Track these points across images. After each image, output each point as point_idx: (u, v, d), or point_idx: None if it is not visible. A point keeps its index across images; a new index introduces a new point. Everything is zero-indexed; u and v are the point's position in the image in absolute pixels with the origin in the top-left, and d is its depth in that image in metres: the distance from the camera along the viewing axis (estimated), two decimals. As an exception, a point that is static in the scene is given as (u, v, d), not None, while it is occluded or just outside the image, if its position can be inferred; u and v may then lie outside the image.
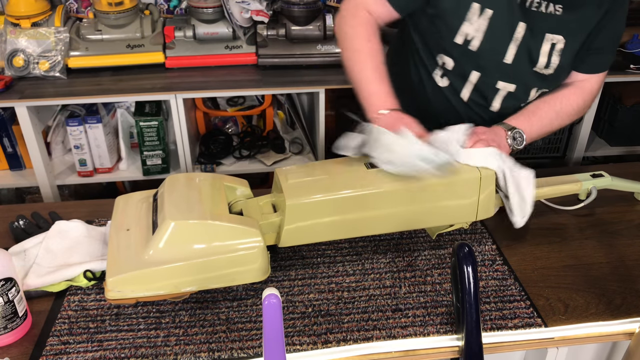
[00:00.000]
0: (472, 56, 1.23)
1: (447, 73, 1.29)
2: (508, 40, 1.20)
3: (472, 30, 1.20)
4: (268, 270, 1.04)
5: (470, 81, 1.28)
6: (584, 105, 1.31)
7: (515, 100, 1.30)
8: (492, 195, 1.12)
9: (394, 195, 1.07)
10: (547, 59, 1.22)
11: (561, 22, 1.19)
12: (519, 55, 1.22)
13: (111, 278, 0.96)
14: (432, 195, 1.09)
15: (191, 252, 0.98)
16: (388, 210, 1.09)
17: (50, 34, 2.05)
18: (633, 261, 1.19)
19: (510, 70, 1.24)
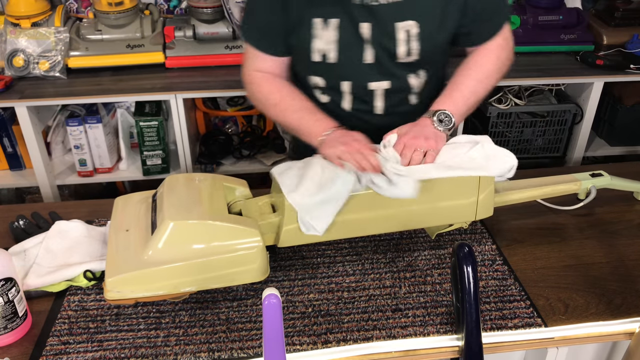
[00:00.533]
0: (335, 68, 1.22)
1: (324, 90, 1.29)
2: (361, 43, 1.19)
3: (324, 45, 1.19)
4: (267, 270, 1.04)
5: (344, 91, 1.26)
6: (501, 62, 1.26)
7: (398, 94, 1.27)
8: (491, 194, 1.12)
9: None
10: (406, 47, 1.19)
11: (406, 8, 1.16)
12: (378, 52, 1.20)
13: (110, 278, 0.96)
14: (432, 195, 1.09)
15: (190, 253, 0.98)
16: (387, 210, 1.09)
17: (50, 34, 2.05)
18: (633, 261, 1.19)
19: (375, 69, 1.22)
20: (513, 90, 2.32)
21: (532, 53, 2.28)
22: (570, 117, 2.28)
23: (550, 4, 2.29)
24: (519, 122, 2.28)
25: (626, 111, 2.33)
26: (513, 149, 2.32)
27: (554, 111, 2.27)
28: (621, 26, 2.28)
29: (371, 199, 1.07)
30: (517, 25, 2.27)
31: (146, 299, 1.00)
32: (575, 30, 2.27)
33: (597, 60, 2.15)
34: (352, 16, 1.17)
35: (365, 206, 1.07)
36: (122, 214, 1.11)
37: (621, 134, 2.40)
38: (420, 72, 1.25)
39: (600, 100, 2.24)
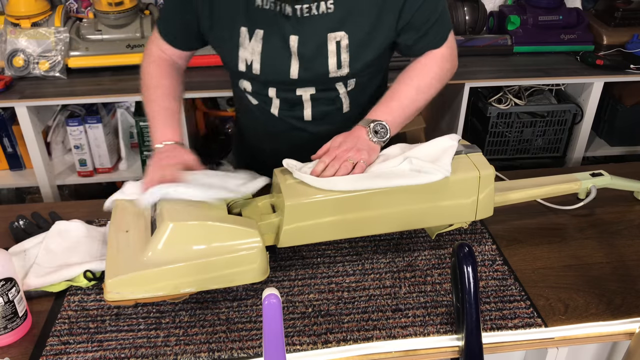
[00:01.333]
0: (260, 78, 1.20)
1: (252, 94, 1.28)
2: (288, 56, 1.16)
3: (249, 55, 1.17)
4: (267, 270, 1.04)
5: (271, 97, 1.25)
6: (443, 72, 1.24)
7: (326, 101, 1.25)
8: (491, 194, 1.12)
9: (393, 195, 1.07)
10: (337, 58, 1.16)
11: (338, 19, 1.13)
12: (304, 67, 1.17)
13: (110, 280, 0.96)
14: (432, 195, 1.09)
15: (190, 253, 0.98)
16: (387, 210, 1.09)
17: (50, 34, 2.05)
18: (633, 261, 1.19)
19: (301, 82, 1.20)
20: (513, 90, 2.33)
21: (532, 53, 2.28)
22: (570, 117, 2.28)
23: (550, 4, 2.29)
24: (519, 122, 2.28)
25: (626, 111, 2.33)
26: (513, 149, 2.33)
27: (554, 111, 2.27)
28: (621, 26, 2.28)
29: (371, 198, 1.07)
30: (517, 25, 2.27)
31: (146, 300, 1.00)
32: (575, 30, 2.27)
33: (597, 60, 2.16)
34: (280, 28, 1.14)
35: (365, 206, 1.07)
36: (122, 215, 1.11)
37: (621, 134, 2.40)
38: (350, 81, 1.22)
39: (600, 100, 2.24)
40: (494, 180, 1.12)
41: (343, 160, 1.09)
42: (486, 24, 2.39)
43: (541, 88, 2.39)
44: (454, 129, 2.21)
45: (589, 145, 2.38)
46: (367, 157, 1.11)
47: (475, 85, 2.15)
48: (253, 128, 1.40)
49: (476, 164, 1.11)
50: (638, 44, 2.22)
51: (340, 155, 1.10)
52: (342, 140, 1.13)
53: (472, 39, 2.27)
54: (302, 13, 1.12)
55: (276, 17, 1.13)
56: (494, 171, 1.12)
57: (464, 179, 1.10)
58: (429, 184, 1.07)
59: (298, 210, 1.04)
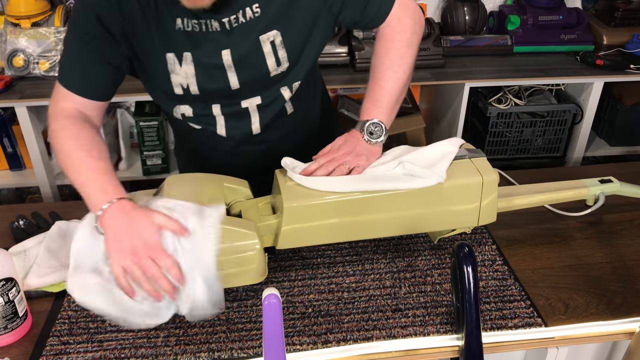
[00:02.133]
0: (200, 98, 1.15)
1: (193, 120, 1.20)
2: (223, 71, 1.12)
3: (183, 79, 1.11)
4: (265, 272, 1.04)
5: (216, 115, 1.19)
6: (409, 33, 1.17)
7: (271, 107, 1.21)
8: (494, 200, 1.11)
9: (394, 199, 1.07)
10: (275, 57, 1.12)
11: (266, 19, 1.09)
12: (243, 76, 1.13)
13: None
14: (433, 200, 1.09)
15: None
16: (388, 214, 1.08)
17: (50, 34, 2.05)
18: (633, 261, 1.19)
19: (244, 91, 1.16)
20: (513, 90, 2.33)
21: (532, 53, 2.28)
22: (570, 117, 2.28)
23: (550, 4, 2.29)
24: (519, 122, 2.28)
25: (626, 111, 2.34)
26: (513, 149, 2.33)
27: (554, 111, 2.28)
28: (621, 26, 2.28)
29: (371, 202, 1.07)
30: (517, 25, 2.27)
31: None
32: (575, 30, 2.27)
33: (597, 60, 2.16)
34: (209, 46, 1.09)
35: (365, 209, 1.07)
36: None
37: (621, 134, 2.40)
38: (295, 84, 1.19)
39: (600, 100, 2.24)
40: (497, 185, 1.11)
41: (339, 163, 1.08)
42: (486, 24, 2.39)
43: (541, 88, 2.39)
44: (454, 129, 2.21)
45: (589, 145, 2.38)
46: (365, 162, 1.10)
47: (475, 85, 2.15)
48: (198, 153, 1.32)
49: (479, 169, 1.11)
50: (638, 44, 2.22)
51: (338, 157, 1.09)
52: (342, 143, 1.12)
53: (472, 39, 2.27)
54: (231, 24, 1.07)
55: (203, 36, 1.08)
56: (497, 177, 1.11)
57: (466, 184, 1.09)
58: (431, 188, 1.07)
59: (297, 213, 1.04)
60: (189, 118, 1.20)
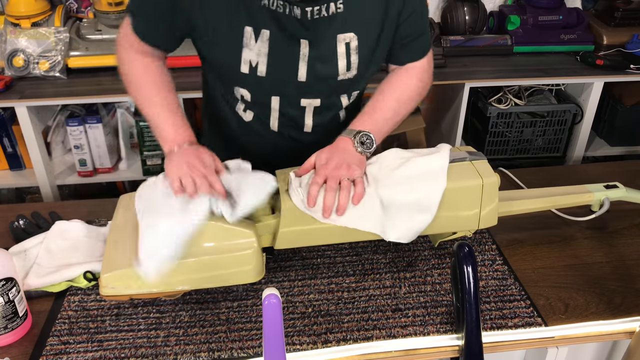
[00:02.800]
0: (265, 82, 1.14)
1: (249, 105, 1.20)
2: (296, 58, 1.11)
3: (254, 56, 1.10)
4: (262, 271, 1.04)
5: (273, 108, 1.19)
6: (423, 85, 1.23)
7: (327, 112, 1.22)
8: (495, 203, 1.10)
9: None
10: (347, 60, 1.13)
11: (347, 19, 1.10)
12: (313, 70, 1.13)
13: (105, 274, 0.97)
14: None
15: (186, 252, 0.98)
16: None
17: (50, 34, 2.05)
18: (633, 261, 1.19)
19: (308, 86, 1.15)
20: (513, 90, 2.33)
21: (532, 53, 2.28)
22: (570, 117, 2.28)
23: (550, 4, 2.29)
24: (519, 122, 2.28)
25: (626, 111, 2.34)
26: (513, 149, 2.33)
27: (554, 111, 2.28)
28: (621, 26, 2.28)
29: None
30: (517, 25, 2.27)
31: (140, 296, 1.00)
32: (575, 30, 2.27)
33: (597, 60, 2.16)
34: (289, 30, 1.09)
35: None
36: (123, 212, 1.11)
37: (621, 134, 2.40)
38: (354, 93, 1.21)
39: (600, 100, 2.24)
40: (498, 188, 1.10)
41: (337, 180, 1.04)
42: (486, 24, 2.39)
43: (541, 88, 2.39)
44: (454, 129, 2.21)
45: (589, 145, 2.38)
46: (359, 172, 1.07)
47: (475, 85, 2.15)
48: (239, 144, 1.30)
49: (480, 171, 1.10)
50: (638, 44, 2.22)
51: (332, 175, 1.04)
52: (328, 157, 1.08)
53: (472, 39, 2.27)
54: (312, 15, 1.07)
55: (285, 19, 1.08)
56: (498, 179, 1.10)
57: (467, 187, 1.08)
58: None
59: (296, 214, 1.04)
60: (245, 103, 1.20)
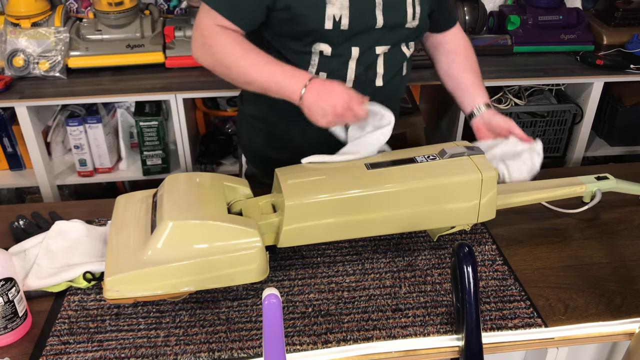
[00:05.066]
0: (347, 34, 1.20)
1: (326, 62, 1.23)
2: (373, 7, 1.19)
3: (337, 10, 1.16)
4: (267, 270, 1.04)
5: (353, 57, 1.23)
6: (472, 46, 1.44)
7: (394, 62, 1.29)
8: (493, 197, 1.12)
9: (395, 196, 1.07)
10: (413, 9, 1.23)
11: None
12: (388, 16, 1.21)
13: (109, 277, 0.96)
14: (434, 197, 1.09)
15: (189, 252, 0.98)
16: (389, 212, 1.09)
17: (50, 34, 2.05)
18: (633, 262, 1.19)
19: (383, 34, 1.23)
20: (513, 90, 2.32)
21: (532, 53, 2.28)
22: (570, 117, 2.28)
23: (550, 4, 2.29)
24: (519, 122, 2.28)
25: (626, 111, 2.33)
26: (513, 149, 2.33)
27: (554, 111, 2.27)
28: (621, 26, 2.28)
29: (372, 200, 1.07)
30: (517, 25, 2.27)
31: (145, 299, 1.00)
32: (575, 30, 2.27)
33: (597, 60, 2.16)
34: None
35: (366, 207, 1.07)
36: (123, 213, 1.11)
37: (621, 134, 2.40)
38: (409, 42, 1.30)
39: (600, 100, 2.24)
40: (496, 182, 1.12)
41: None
42: (486, 24, 2.39)
43: (541, 88, 2.39)
44: (454, 129, 2.21)
45: (589, 145, 2.38)
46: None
47: (475, 85, 2.14)
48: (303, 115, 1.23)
49: (479, 165, 1.11)
50: (638, 44, 2.22)
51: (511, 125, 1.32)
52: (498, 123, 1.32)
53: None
54: None
55: None
56: (496, 173, 1.12)
57: (466, 182, 1.09)
58: (430, 185, 1.07)
59: (298, 211, 1.04)
60: (323, 61, 1.23)
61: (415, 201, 1.09)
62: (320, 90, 1.12)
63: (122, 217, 1.10)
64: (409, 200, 1.08)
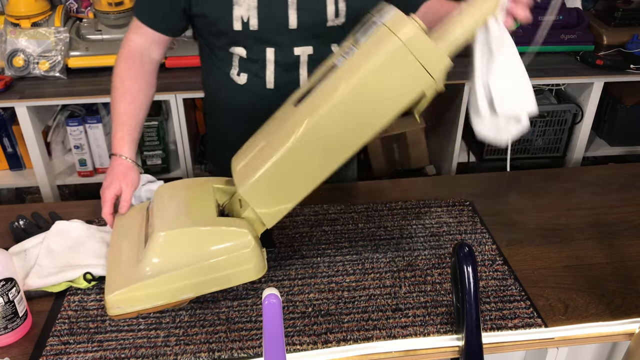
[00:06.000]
0: (258, 35, 1.18)
1: (245, 64, 1.23)
2: (285, 7, 1.16)
3: (244, 11, 1.15)
4: (264, 267, 1.03)
5: (269, 60, 1.22)
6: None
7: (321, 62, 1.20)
8: (430, 46, 0.94)
9: (336, 113, 0.96)
10: (335, 7, 1.17)
11: None
12: (303, 16, 1.17)
13: (110, 295, 0.96)
14: (373, 88, 0.95)
15: (185, 260, 0.98)
16: (340, 129, 0.97)
17: (50, 34, 2.05)
18: (633, 262, 1.19)
19: (301, 34, 1.19)
20: (513, 90, 2.32)
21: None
22: (570, 117, 2.28)
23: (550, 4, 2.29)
24: (519, 122, 2.28)
25: (626, 111, 2.33)
26: (513, 149, 2.33)
27: (554, 111, 2.28)
28: (621, 26, 2.28)
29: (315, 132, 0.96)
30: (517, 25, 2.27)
31: (147, 311, 1.00)
32: (575, 30, 2.27)
33: (597, 60, 2.16)
34: None
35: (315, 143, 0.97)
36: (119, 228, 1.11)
37: (621, 134, 2.40)
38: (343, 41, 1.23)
39: (600, 100, 2.24)
40: (420, 32, 0.93)
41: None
42: (486, 24, 2.39)
43: (541, 88, 2.39)
44: (454, 129, 2.21)
45: (589, 145, 2.38)
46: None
47: (475, 85, 2.14)
48: (236, 111, 1.32)
49: (393, 29, 0.93)
50: (638, 44, 2.22)
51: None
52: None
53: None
54: None
55: None
56: (413, 24, 0.93)
57: (390, 55, 0.93)
58: (362, 82, 0.95)
59: (256, 190, 1.00)
60: (242, 63, 1.23)
61: (358, 104, 0.96)
62: (112, 167, 1.20)
63: (118, 233, 1.10)
64: (351, 108, 0.96)
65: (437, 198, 1.37)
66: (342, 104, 0.95)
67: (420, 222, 1.29)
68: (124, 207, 1.15)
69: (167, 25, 1.24)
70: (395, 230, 1.26)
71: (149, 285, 0.97)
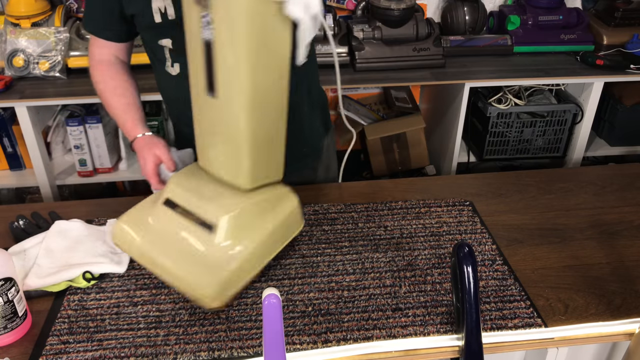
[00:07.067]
0: (178, 25, 1.09)
1: (174, 55, 1.25)
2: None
3: (161, 2, 1.18)
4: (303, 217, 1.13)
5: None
6: None
7: None
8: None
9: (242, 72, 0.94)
10: None
11: None
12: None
13: (209, 294, 0.97)
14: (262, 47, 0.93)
15: (254, 232, 1.02)
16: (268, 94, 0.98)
17: (50, 34, 2.05)
18: (633, 262, 1.19)
19: None
20: (513, 90, 2.33)
21: (532, 53, 2.28)
22: (570, 117, 2.28)
23: (550, 4, 2.29)
24: (519, 122, 2.28)
25: (626, 111, 2.33)
26: (513, 149, 2.33)
27: (554, 111, 2.27)
28: (621, 26, 2.28)
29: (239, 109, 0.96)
30: (517, 25, 2.27)
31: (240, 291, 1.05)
32: (575, 30, 2.27)
33: (597, 60, 2.16)
34: None
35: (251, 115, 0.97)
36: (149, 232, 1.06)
37: (621, 134, 2.40)
38: None
39: (600, 100, 2.24)
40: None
41: None
42: (486, 24, 2.39)
43: (541, 88, 2.39)
44: (454, 129, 2.21)
45: (589, 145, 2.38)
46: None
47: (475, 85, 2.15)
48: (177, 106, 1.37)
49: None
50: (638, 44, 2.22)
51: None
52: None
53: (472, 39, 2.27)
54: None
55: None
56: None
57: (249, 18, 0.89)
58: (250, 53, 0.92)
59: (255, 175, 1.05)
60: (171, 51, 1.25)
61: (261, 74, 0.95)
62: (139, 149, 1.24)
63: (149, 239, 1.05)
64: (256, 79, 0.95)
65: (437, 198, 1.37)
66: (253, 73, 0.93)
67: (420, 222, 1.29)
68: (170, 166, 1.20)
69: (114, 33, 1.28)
70: (395, 230, 1.26)
71: (238, 268, 1.00)
